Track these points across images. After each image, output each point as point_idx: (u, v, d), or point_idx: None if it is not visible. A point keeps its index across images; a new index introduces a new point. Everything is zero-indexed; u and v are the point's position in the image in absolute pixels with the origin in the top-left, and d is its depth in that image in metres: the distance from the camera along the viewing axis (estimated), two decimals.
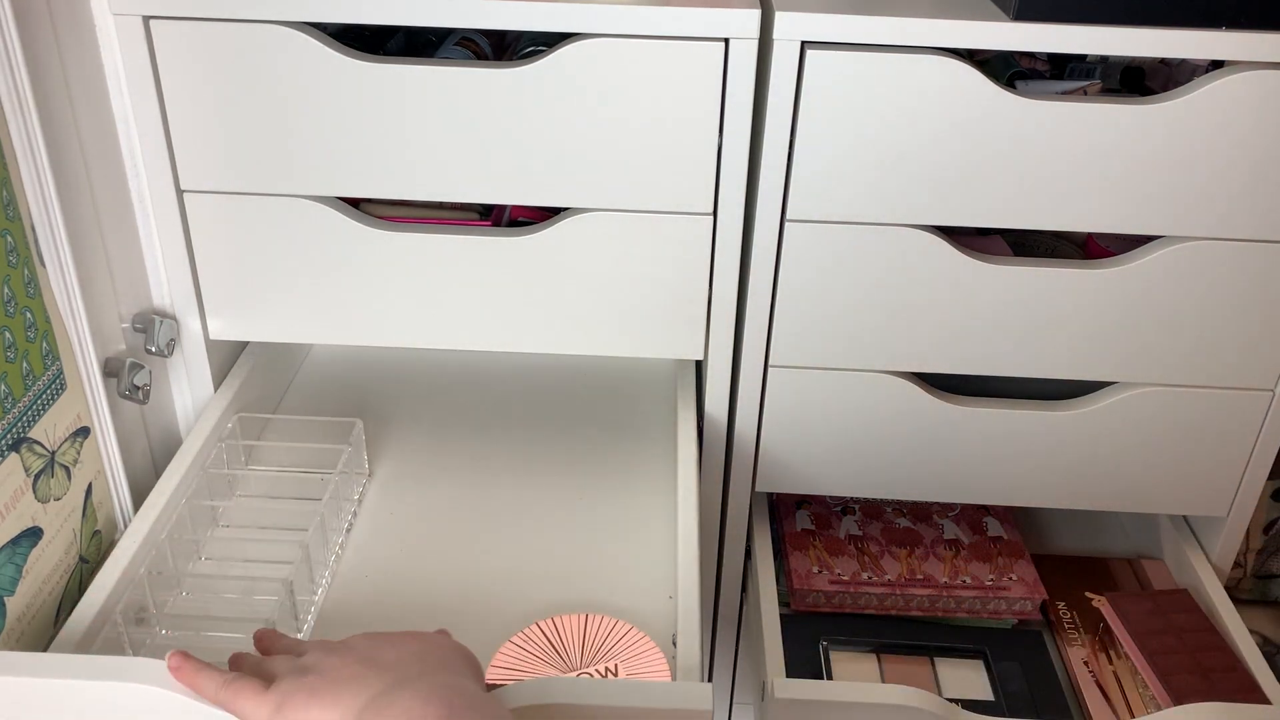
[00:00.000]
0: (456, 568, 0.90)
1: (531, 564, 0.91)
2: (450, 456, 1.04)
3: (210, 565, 0.88)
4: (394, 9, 0.82)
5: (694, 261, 0.92)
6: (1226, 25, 0.80)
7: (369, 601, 0.86)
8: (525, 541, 0.93)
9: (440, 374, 1.18)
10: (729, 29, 0.82)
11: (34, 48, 0.77)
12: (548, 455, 1.04)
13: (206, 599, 0.84)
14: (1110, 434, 0.98)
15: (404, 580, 0.88)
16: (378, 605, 0.86)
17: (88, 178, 0.85)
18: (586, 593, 0.88)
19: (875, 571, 1.04)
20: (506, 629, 0.83)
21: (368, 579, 0.89)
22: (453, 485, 1.00)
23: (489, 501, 0.98)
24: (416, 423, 1.09)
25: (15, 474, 0.76)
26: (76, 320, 0.83)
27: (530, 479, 1.01)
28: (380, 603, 0.86)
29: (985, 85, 0.83)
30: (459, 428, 1.08)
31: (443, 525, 0.95)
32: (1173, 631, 0.96)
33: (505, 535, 0.94)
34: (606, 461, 1.04)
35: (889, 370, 0.96)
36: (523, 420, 1.10)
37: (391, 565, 0.90)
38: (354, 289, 0.94)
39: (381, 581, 0.88)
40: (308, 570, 0.84)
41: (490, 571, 0.90)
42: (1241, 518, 1.02)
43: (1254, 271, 0.90)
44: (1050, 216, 0.88)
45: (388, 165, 0.88)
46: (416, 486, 1.00)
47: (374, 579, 0.89)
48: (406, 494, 0.99)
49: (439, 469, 1.02)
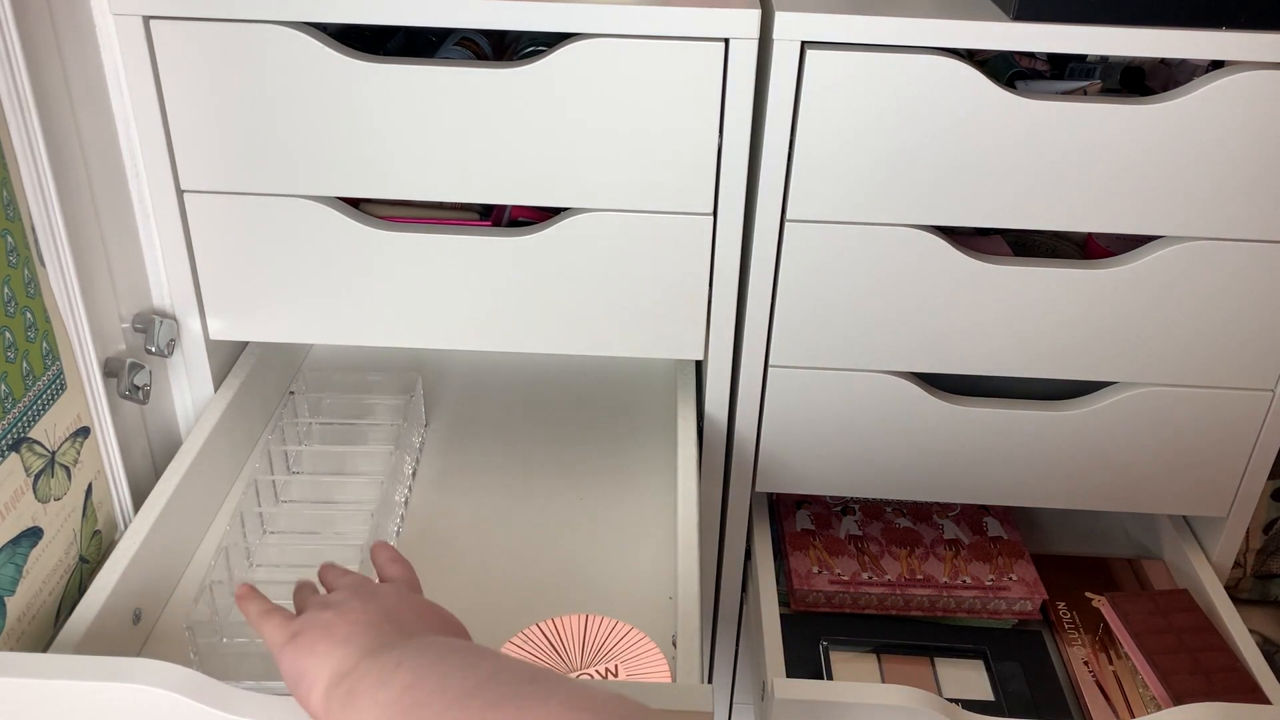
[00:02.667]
0: (456, 568, 0.90)
1: (531, 564, 0.91)
2: (449, 457, 1.04)
3: (261, 572, 0.88)
4: (394, 9, 0.82)
5: (694, 261, 0.92)
6: (1226, 25, 0.80)
7: None
8: (525, 541, 0.93)
9: (439, 374, 1.18)
10: (729, 29, 0.82)
11: (34, 48, 0.77)
12: (548, 455, 1.04)
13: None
14: (1110, 434, 0.98)
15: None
16: None
17: (88, 178, 0.85)
18: (586, 593, 0.88)
19: (875, 571, 1.04)
20: (507, 629, 0.83)
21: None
22: (452, 486, 1.00)
23: (488, 502, 0.98)
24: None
25: (15, 474, 0.76)
26: (76, 320, 0.83)
27: (530, 479, 1.01)
28: None
29: (985, 85, 0.83)
30: (458, 428, 1.08)
31: (442, 525, 0.95)
32: (1173, 631, 0.96)
33: (505, 535, 0.94)
34: (606, 461, 1.04)
35: (889, 370, 0.96)
36: (522, 420, 1.10)
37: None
38: (354, 289, 0.94)
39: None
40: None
41: (491, 571, 0.90)
42: (1241, 518, 1.02)
43: (1254, 271, 0.90)
44: (1050, 216, 0.88)
45: (388, 165, 0.88)
46: (416, 487, 1.00)
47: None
48: (406, 494, 0.99)
49: (438, 470, 1.02)
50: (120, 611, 0.78)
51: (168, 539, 0.85)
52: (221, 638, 0.79)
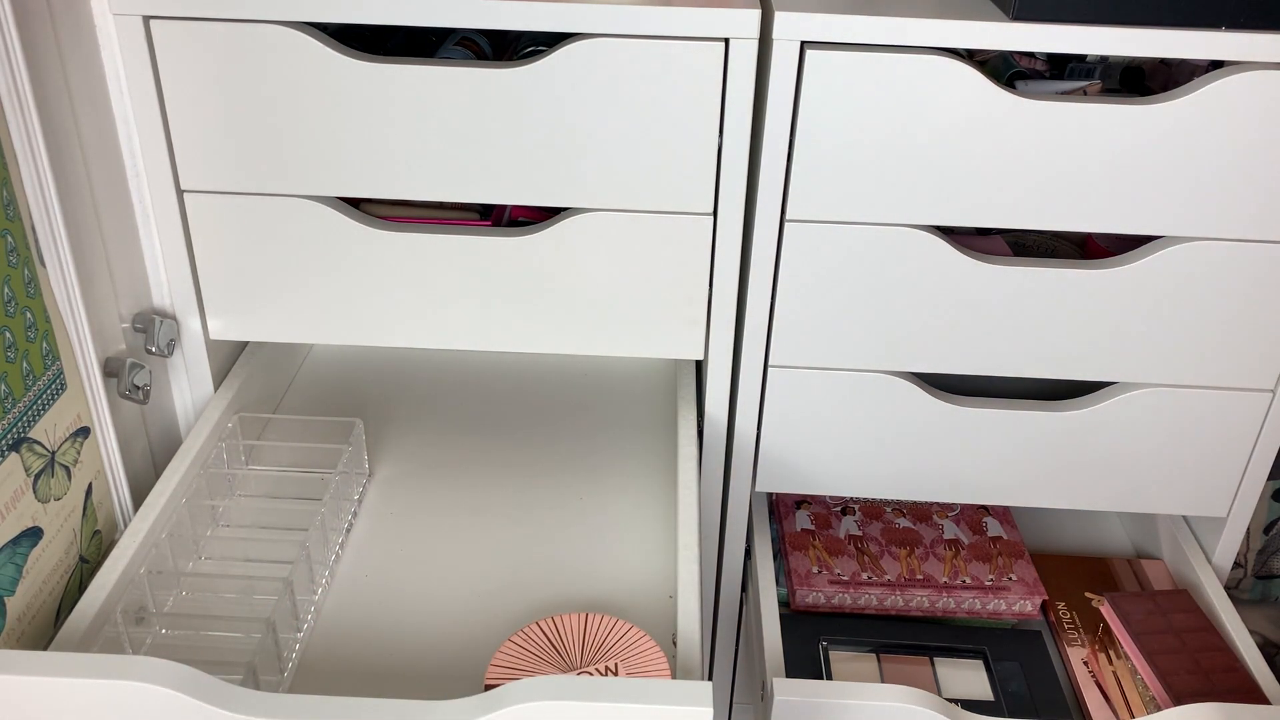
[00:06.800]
0: (456, 567, 0.90)
1: (531, 564, 0.91)
2: (450, 456, 1.04)
3: (210, 565, 0.88)
4: (394, 9, 0.82)
5: (694, 262, 0.92)
6: (1226, 25, 0.80)
7: (369, 601, 0.86)
8: (525, 541, 0.93)
9: (440, 374, 1.18)
10: (729, 29, 0.82)
11: (34, 48, 0.77)
12: (548, 455, 1.04)
13: (206, 598, 0.84)
14: (1110, 434, 0.98)
15: (404, 580, 0.88)
16: (377, 605, 0.86)
17: (88, 178, 0.86)
18: (586, 592, 0.88)
19: (875, 571, 1.04)
20: (506, 628, 0.84)
21: (368, 579, 0.89)
22: (453, 485, 1.00)
23: (489, 501, 0.98)
24: (416, 423, 1.09)
25: (15, 474, 0.76)
26: (76, 320, 0.83)
27: (530, 479, 1.01)
28: (380, 602, 0.86)
29: (985, 85, 0.83)
30: (459, 428, 1.08)
31: (443, 525, 0.95)
32: (1173, 631, 0.97)
33: (505, 535, 0.94)
34: (607, 461, 1.04)
35: (889, 370, 0.96)
36: (522, 420, 1.10)
37: (391, 565, 0.90)
38: (354, 289, 0.94)
39: (381, 581, 0.88)
40: (308, 570, 0.84)
41: (490, 571, 0.90)
42: (1241, 518, 1.02)
43: (1254, 271, 0.90)
44: (1050, 216, 0.88)
45: (388, 165, 0.89)
46: (416, 486, 1.00)
47: (374, 579, 0.89)
48: (406, 494, 0.99)
49: (439, 469, 1.02)
50: (120, 611, 0.77)
51: (167, 539, 0.85)
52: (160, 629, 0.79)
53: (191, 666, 0.67)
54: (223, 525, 0.92)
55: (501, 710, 0.66)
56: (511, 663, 0.77)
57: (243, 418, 0.98)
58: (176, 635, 0.81)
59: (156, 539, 0.83)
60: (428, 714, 0.66)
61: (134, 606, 0.79)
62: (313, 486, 0.96)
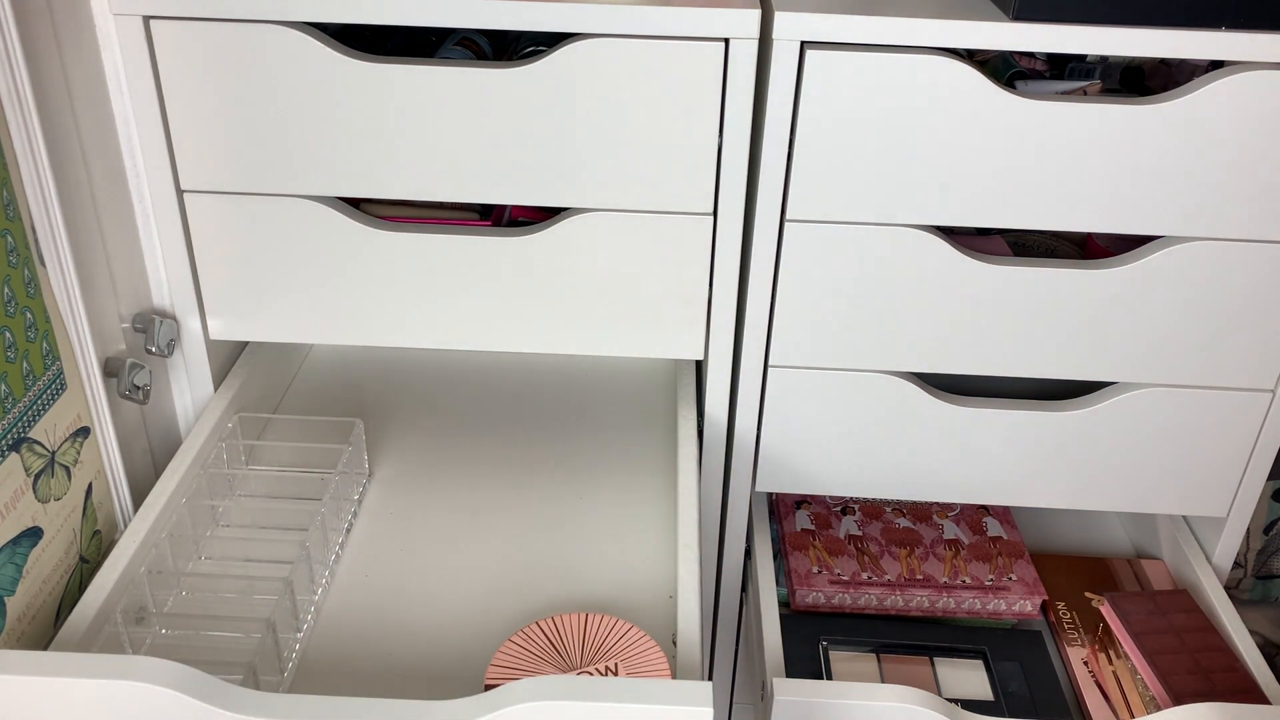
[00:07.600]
0: (456, 567, 0.90)
1: (531, 564, 0.91)
2: (450, 456, 1.04)
3: (210, 565, 0.88)
4: (394, 9, 0.82)
5: (694, 262, 0.92)
6: (1226, 25, 0.80)
7: (369, 601, 0.86)
8: (525, 541, 0.93)
9: (440, 374, 1.18)
10: (729, 29, 0.82)
11: (34, 48, 0.77)
12: (548, 455, 1.04)
13: (206, 598, 0.84)
14: (1110, 434, 0.98)
15: (403, 580, 0.88)
16: (378, 605, 0.86)
17: (88, 178, 0.86)
18: (586, 593, 0.88)
19: (875, 571, 1.04)
20: (506, 628, 0.84)
21: (368, 579, 0.89)
22: (453, 485, 1.00)
23: (489, 501, 0.98)
24: (416, 423, 1.09)
25: (15, 474, 0.76)
26: (76, 320, 0.83)
27: (530, 479, 1.01)
28: (380, 602, 0.86)
29: (985, 85, 0.83)
30: (459, 428, 1.08)
31: (443, 525, 0.95)
32: (1173, 631, 0.97)
33: (505, 535, 0.94)
34: (606, 461, 1.04)
35: (889, 370, 0.96)
36: (523, 420, 1.10)
37: (391, 565, 0.90)
38: (354, 289, 0.94)
39: (381, 581, 0.88)
40: (308, 570, 0.84)
41: (490, 571, 0.90)
42: (1241, 518, 1.03)
43: (1254, 271, 0.90)
44: (1050, 216, 0.88)
45: (388, 165, 0.89)
46: (416, 486, 1.00)
47: (374, 579, 0.89)
48: (406, 494, 0.99)
49: (439, 469, 1.02)
50: (120, 611, 0.77)
51: (167, 539, 0.85)
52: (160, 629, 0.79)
53: (191, 666, 0.67)
54: (223, 525, 0.92)
55: (501, 710, 0.66)
56: (511, 663, 0.77)
57: (243, 418, 0.98)
58: (176, 635, 0.81)
59: (156, 539, 0.83)
60: (428, 714, 0.66)
61: (134, 606, 0.79)
62: (313, 486, 0.96)
